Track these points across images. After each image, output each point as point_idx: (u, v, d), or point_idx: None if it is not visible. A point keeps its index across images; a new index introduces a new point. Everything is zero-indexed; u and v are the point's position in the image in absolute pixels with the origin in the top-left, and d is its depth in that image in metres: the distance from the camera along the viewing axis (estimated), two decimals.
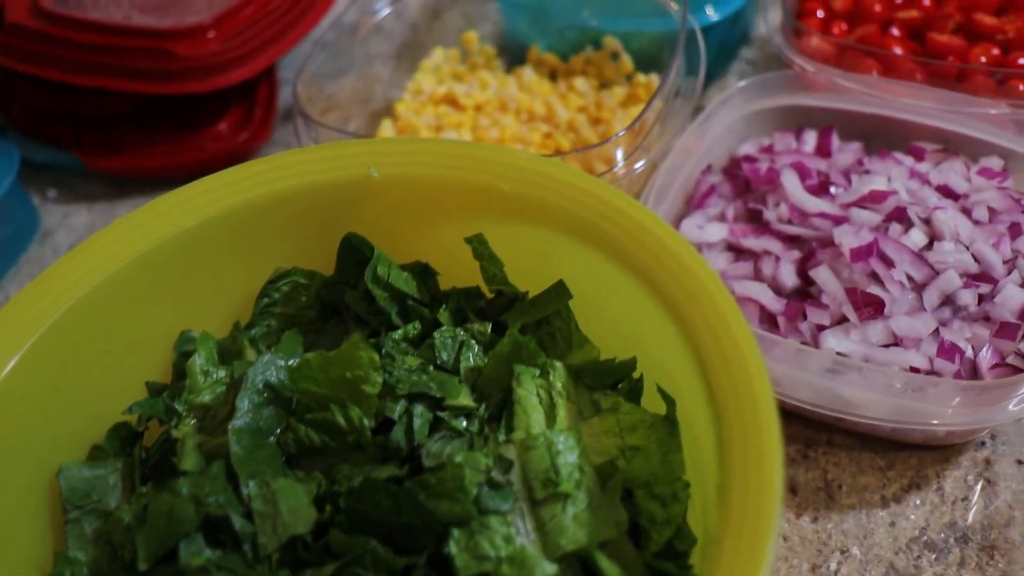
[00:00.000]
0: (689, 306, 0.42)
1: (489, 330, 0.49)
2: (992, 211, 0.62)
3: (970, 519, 0.54)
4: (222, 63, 0.78)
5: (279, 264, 0.52)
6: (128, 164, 0.81)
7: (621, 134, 0.62)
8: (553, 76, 0.82)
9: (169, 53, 0.75)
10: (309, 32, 0.87)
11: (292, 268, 0.52)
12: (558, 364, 0.45)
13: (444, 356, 0.47)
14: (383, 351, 0.47)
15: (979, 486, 0.55)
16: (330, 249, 0.52)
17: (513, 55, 0.88)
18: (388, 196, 0.50)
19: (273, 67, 0.89)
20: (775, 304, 0.58)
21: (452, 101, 0.78)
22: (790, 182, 0.64)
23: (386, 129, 0.77)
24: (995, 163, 0.66)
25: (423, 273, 0.52)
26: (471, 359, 0.48)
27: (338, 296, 0.51)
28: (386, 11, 0.86)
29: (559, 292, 0.48)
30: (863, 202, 0.62)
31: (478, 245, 0.50)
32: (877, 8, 0.79)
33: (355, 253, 0.51)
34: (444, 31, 0.91)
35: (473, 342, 0.48)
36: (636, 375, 0.47)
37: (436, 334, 0.48)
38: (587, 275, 0.47)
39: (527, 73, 0.80)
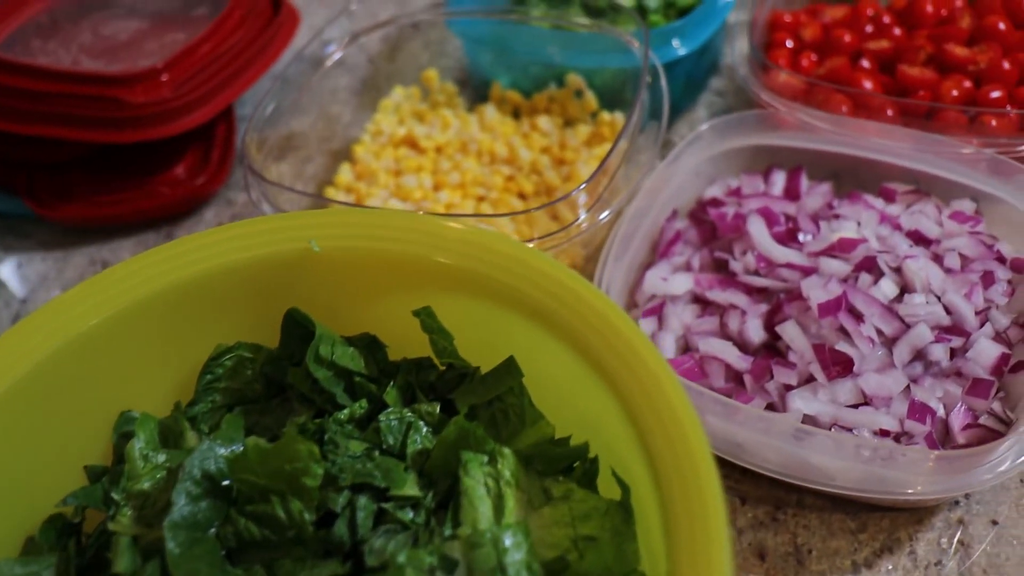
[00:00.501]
0: (634, 387, 0.40)
1: (438, 410, 0.47)
2: (964, 258, 0.60)
3: None
4: (176, 109, 0.75)
5: (221, 340, 0.50)
6: (81, 213, 0.78)
7: (583, 187, 0.60)
8: (516, 113, 0.80)
9: (120, 101, 0.73)
10: (267, 70, 0.85)
11: (235, 343, 0.50)
12: (507, 451, 0.43)
13: (390, 440, 0.45)
14: (326, 436, 0.45)
15: (952, 549, 0.54)
16: (275, 321, 0.50)
17: (476, 90, 0.86)
18: (331, 269, 0.48)
19: (231, 105, 0.86)
20: (741, 363, 0.56)
21: (412, 143, 0.76)
22: (757, 230, 0.62)
23: (344, 174, 0.75)
24: (967, 206, 0.64)
25: (371, 346, 0.50)
26: (419, 442, 0.46)
27: (282, 374, 0.49)
28: (348, 45, 0.84)
29: (509, 370, 0.46)
30: (832, 251, 0.60)
31: (426, 318, 0.48)
32: (847, 38, 0.77)
33: (299, 327, 0.49)
34: (406, 65, 0.89)
35: (421, 423, 0.46)
36: (591, 455, 0.45)
37: (382, 417, 0.46)
38: (536, 351, 0.45)
39: (489, 111, 0.78)
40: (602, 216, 0.63)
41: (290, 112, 0.84)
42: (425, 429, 0.46)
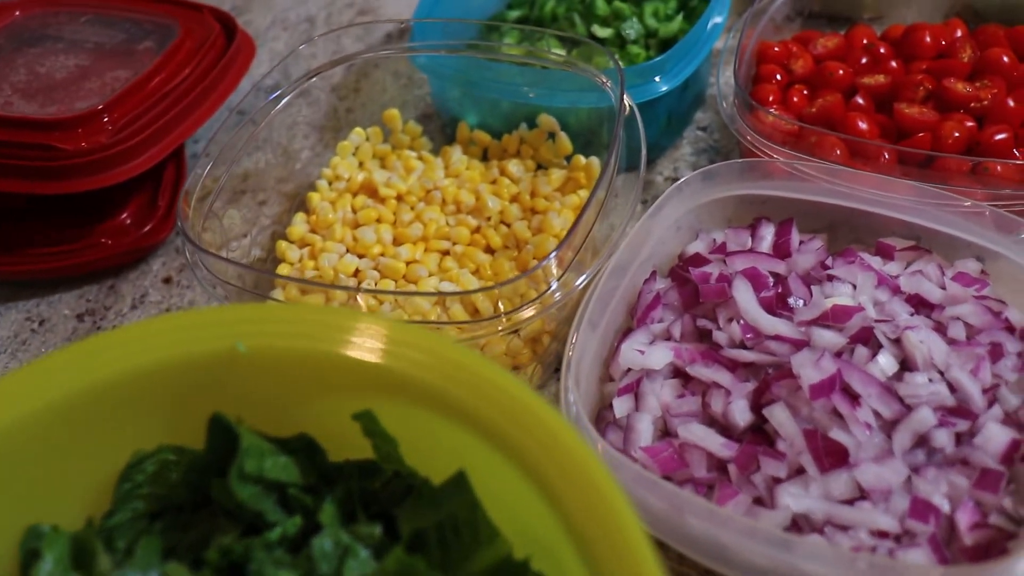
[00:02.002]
0: (587, 517, 0.36)
1: (378, 531, 0.41)
2: (969, 327, 0.55)
3: None
4: (118, 154, 0.70)
5: (142, 444, 0.45)
6: (16, 266, 0.73)
7: (553, 256, 0.54)
8: (486, 155, 0.75)
9: (55, 148, 0.67)
10: (221, 105, 0.79)
11: (157, 447, 0.45)
12: None
13: (325, 568, 0.40)
14: (252, 566, 0.40)
15: None
16: (201, 421, 0.44)
17: (444, 126, 0.80)
18: (261, 369, 0.43)
19: (182, 144, 0.80)
20: (725, 451, 0.51)
21: (372, 190, 0.70)
22: (743, 296, 0.56)
23: (298, 224, 0.70)
24: (972, 267, 0.58)
25: (308, 449, 0.44)
26: (356, 569, 0.40)
27: (208, 483, 0.44)
28: (307, 80, 0.78)
29: (459, 487, 0.40)
30: (825, 320, 0.55)
31: (368, 422, 0.43)
32: (840, 72, 0.72)
33: (226, 432, 0.44)
34: (371, 97, 0.84)
35: (360, 547, 0.41)
36: None
37: (315, 541, 0.40)
38: (486, 467, 0.40)
39: (456, 153, 0.72)
40: (579, 281, 0.57)
41: (246, 149, 0.78)
42: (364, 554, 0.41)
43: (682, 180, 0.63)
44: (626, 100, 0.63)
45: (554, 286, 0.56)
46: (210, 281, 0.58)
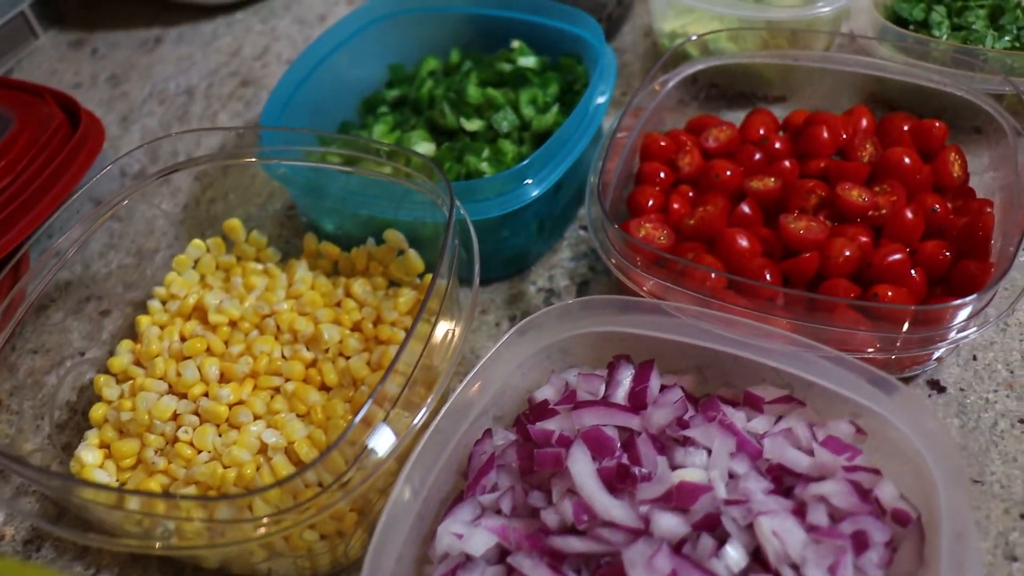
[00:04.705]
0: None
1: None
2: (833, 508, 0.48)
3: None
4: None
5: None
6: None
7: (357, 422, 0.47)
8: (337, 266, 0.67)
9: None
10: (63, 201, 0.72)
11: None
12: None
13: None
14: None
15: None
16: None
17: (306, 227, 0.73)
18: None
19: (23, 243, 0.73)
20: None
21: (205, 314, 0.63)
22: (579, 468, 0.49)
23: (122, 354, 0.63)
24: (844, 430, 0.51)
25: None
26: None
27: None
28: (166, 175, 0.70)
29: None
30: (670, 499, 0.48)
31: None
32: (728, 173, 0.64)
33: None
34: (239, 187, 0.77)
35: None
36: None
37: None
38: None
39: (300, 270, 0.65)
40: (401, 437, 0.50)
41: (102, 243, 0.72)
42: None
43: (531, 317, 0.56)
44: (461, 214, 0.56)
45: (369, 446, 0.49)
46: None
